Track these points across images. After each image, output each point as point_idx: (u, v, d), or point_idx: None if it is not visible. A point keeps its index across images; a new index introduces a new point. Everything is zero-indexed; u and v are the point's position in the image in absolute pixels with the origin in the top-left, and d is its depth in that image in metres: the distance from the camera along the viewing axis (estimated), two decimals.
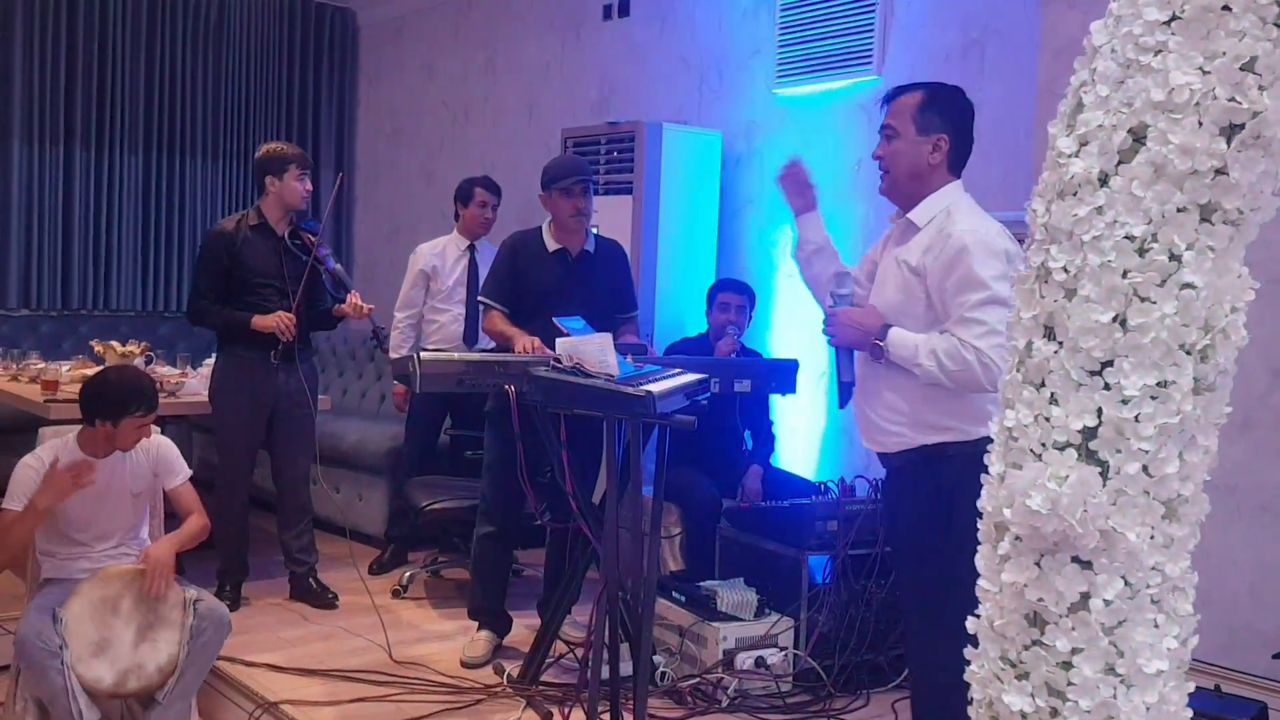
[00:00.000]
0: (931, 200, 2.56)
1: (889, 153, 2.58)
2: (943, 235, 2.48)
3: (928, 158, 2.54)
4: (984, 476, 1.79)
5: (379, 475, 5.30)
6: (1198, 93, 1.51)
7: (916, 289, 2.52)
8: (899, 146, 2.56)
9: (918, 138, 2.54)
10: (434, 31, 7.05)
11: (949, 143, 2.55)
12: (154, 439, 3.48)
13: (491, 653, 3.88)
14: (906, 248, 2.57)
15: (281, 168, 4.29)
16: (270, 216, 4.33)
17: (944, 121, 2.55)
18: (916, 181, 2.56)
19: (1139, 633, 1.62)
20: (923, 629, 2.58)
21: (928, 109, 2.54)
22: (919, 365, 2.46)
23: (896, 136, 2.57)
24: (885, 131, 2.60)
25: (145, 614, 3.21)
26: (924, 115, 2.54)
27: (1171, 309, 1.55)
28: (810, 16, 4.85)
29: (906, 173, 2.56)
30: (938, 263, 2.47)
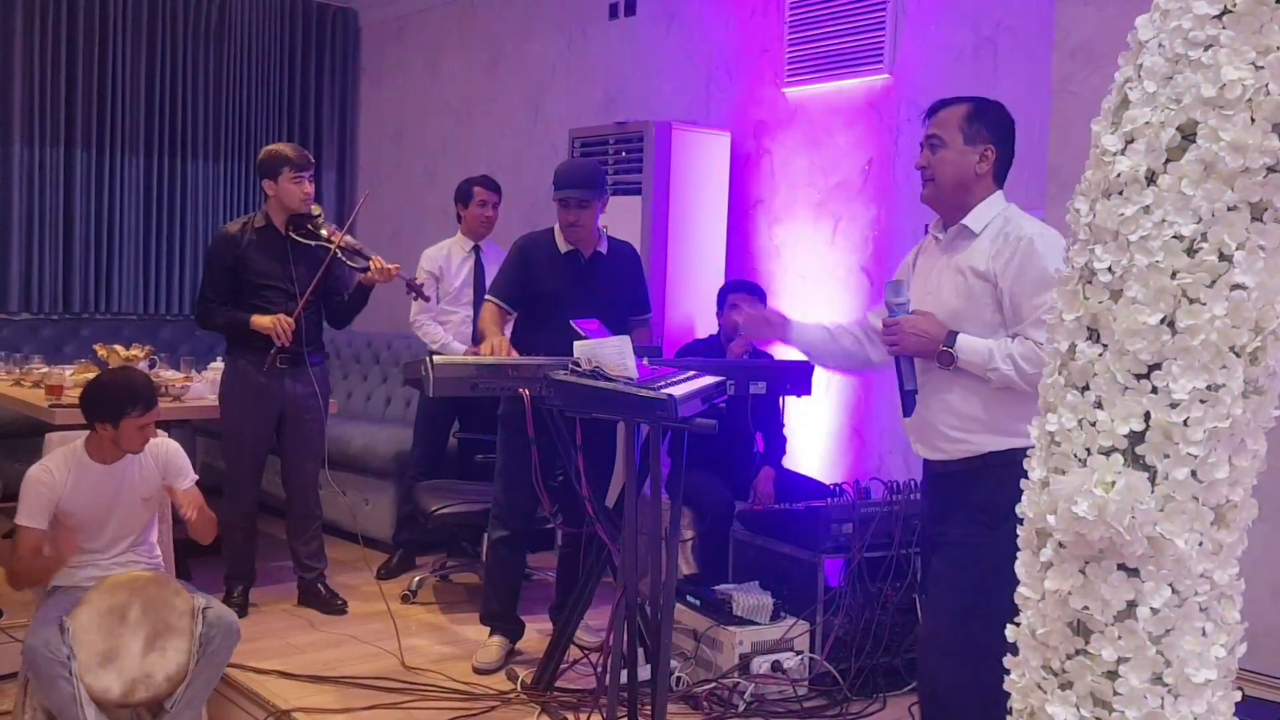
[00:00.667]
0: (984, 207, 2.59)
1: (935, 162, 2.60)
2: (1011, 239, 2.50)
3: (974, 167, 2.58)
4: (1024, 482, 1.75)
5: (386, 479, 5.26)
6: (1250, 88, 1.47)
7: (983, 294, 2.53)
8: (946, 155, 2.58)
9: (965, 147, 2.57)
10: (437, 31, 7.02)
11: (995, 153, 2.59)
12: (162, 441, 3.45)
13: (504, 658, 3.84)
14: (966, 254, 2.57)
15: (276, 170, 4.24)
16: (275, 219, 4.29)
17: (990, 132, 2.59)
18: (963, 190, 2.59)
19: (1187, 641, 1.58)
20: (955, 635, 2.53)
21: (975, 120, 2.58)
22: (994, 370, 2.47)
23: (943, 146, 2.59)
24: (931, 141, 2.62)
25: (153, 622, 3.17)
26: (971, 126, 2.58)
27: (1221, 310, 1.51)
28: (820, 14, 4.82)
29: (953, 181, 2.59)
30: (1010, 265, 2.49)
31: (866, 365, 2.93)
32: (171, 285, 7.06)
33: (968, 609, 2.51)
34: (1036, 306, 2.44)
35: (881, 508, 3.81)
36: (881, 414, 4.65)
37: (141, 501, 3.37)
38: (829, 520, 3.78)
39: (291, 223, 4.28)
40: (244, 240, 4.24)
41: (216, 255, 4.28)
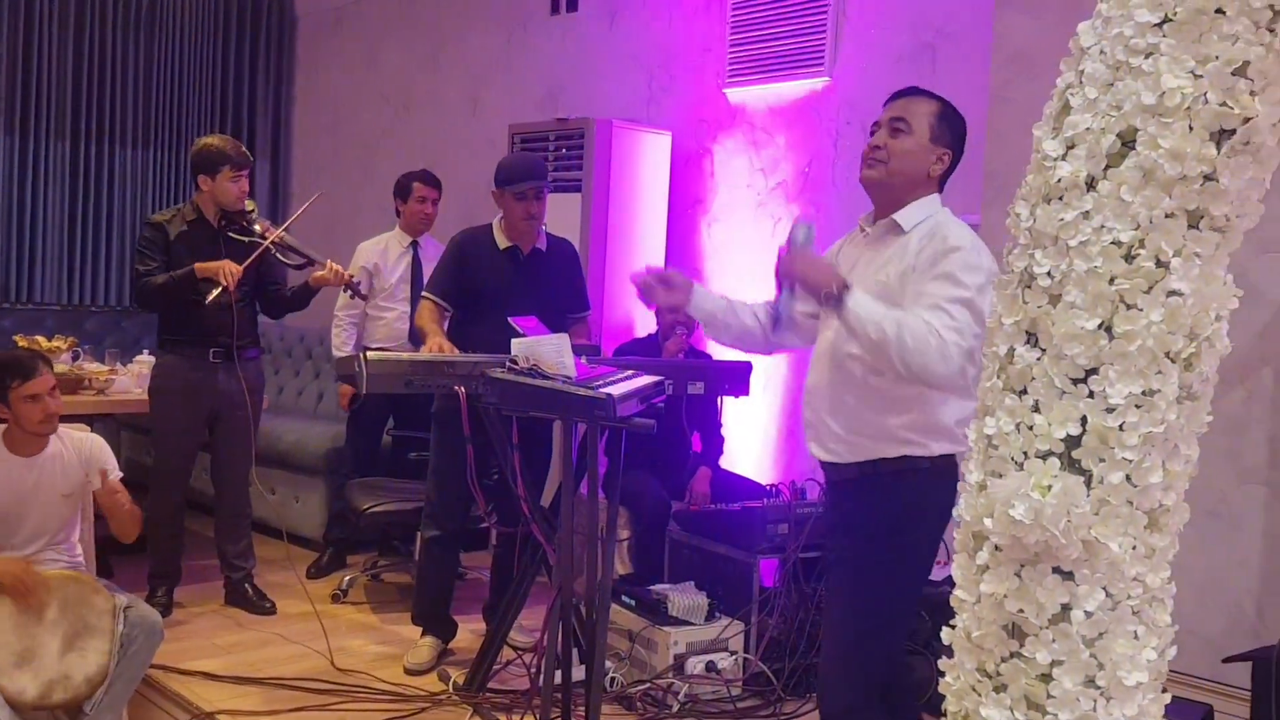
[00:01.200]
0: (919, 206, 2.46)
1: (897, 147, 2.44)
2: (937, 237, 2.38)
3: (930, 166, 2.46)
4: (961, 485, 1.75)
5: (317, 476, 5.17)
6: (1189, 97, 1.48)
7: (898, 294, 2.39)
8: (909, 144, 2.44)
9: (930, 144, 2.45)
10: (375, 22, 6.92)
11: (950, 160, 2.49)
12: (86, 436, 3.35)
13: (436, 659, 3.80)
14: (893, 253, 2.44)
15: (215, 167, 4.14)
16: (207, 212, 4.19)
17: (952, 138, 2.49)
18: (911, 185, 2.46)
19: (1119, 644, 1.59)
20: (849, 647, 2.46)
21: (944, 120, 2.47)
22: (879, 328, 2.27)
23: (908, 133, 2.45)
24: (894, 124, 2.46)
25: (72, 622, 3.08)
26: (940, 125, 2.46)
27: (1158, 316, 1.53)
28: (761, 16, 4.83)
29: (906, 173, 2.45)
30: (925, 256, 2.36)
31: (762, 347, 2.77)
32: (97, 275, 6.87)
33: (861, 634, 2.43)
34: (937, 295, 2.31)
35: (817, 508, 3.81)
36: None
37: (61, 497, 3.27)
38: (764, 521, 3.78)
39: (224, 217, 4.18)
40: (174, 232, 4.13)
41: (150, 238, 4.15)
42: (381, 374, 3.18)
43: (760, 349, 2.78)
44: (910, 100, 2.50)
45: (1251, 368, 3.16)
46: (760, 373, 4.53)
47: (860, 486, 2.46)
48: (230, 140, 4.28)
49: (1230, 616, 3.22)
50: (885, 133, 2.47)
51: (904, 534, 2.42)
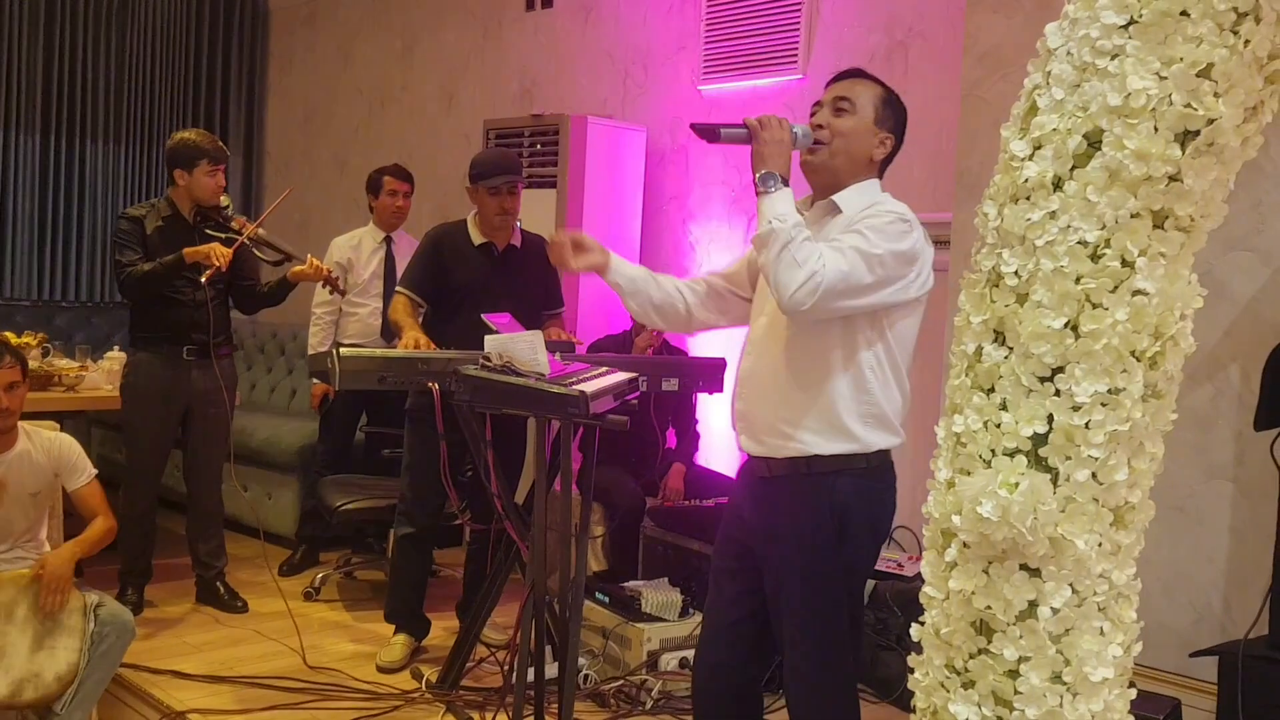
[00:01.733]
0: (860, 190, 2.36)
1: (838, 126, 2.35)
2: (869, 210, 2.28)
3: (873, 150, 2.37)
4: (930, 482, 1.77)
5: (289, 473, 5.15)
6: (1154, 98, 1.50)
7: None
8: (853, 124, 2.35)
9: (873, 126, 2.36)
10: (349, 17, 6.88)
11: (892, 145, 2.41)
12: (56, 436, 3.32)
13: (409, 657, 3.79)
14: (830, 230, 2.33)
15: (191, 161, 4.10)
16: (182, 208, 4.15)
17: (895, 124, 2.41)
18: (853, 167, 2.36)
19: (1086, 641, 1.61)
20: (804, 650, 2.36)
21: (888, 105, 2.40)
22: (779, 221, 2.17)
23: (852, 113, 2.35)
24: (838, 103, 2.36)
25: (42, 620, 3.05)
26: (884, 109, 2.38)
27: (1123, 315, 1.55)
28: (736, 14, 4.83)
29: (850, 154, 2.35)
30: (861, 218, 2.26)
31: (679, 323, 2.62)
32: (67, 270, 6.80)
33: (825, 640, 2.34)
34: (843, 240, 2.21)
35: None
36: None
37: (29, 497, 3.24)
38: None
39: (199, 213, 4.15)
40: (150, 227, 4.10)
41: (127, 230, 4.10)
42: (355, 370, 3.17)
43: (682, 325, 2.64)
44: (855, 81, 2.41)
45: (1219, 365, 3.20)
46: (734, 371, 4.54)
47: (794, 486, 2.33)
48: (206, 135, 4.25)
49: (1197, 611, 3.25)
50: (828, 111, 2.37)
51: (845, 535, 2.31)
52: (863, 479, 2.31)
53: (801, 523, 2.31)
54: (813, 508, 2.30)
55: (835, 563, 2.31)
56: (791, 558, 2.32)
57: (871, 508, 2.35)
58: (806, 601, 2.32)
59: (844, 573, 2.33)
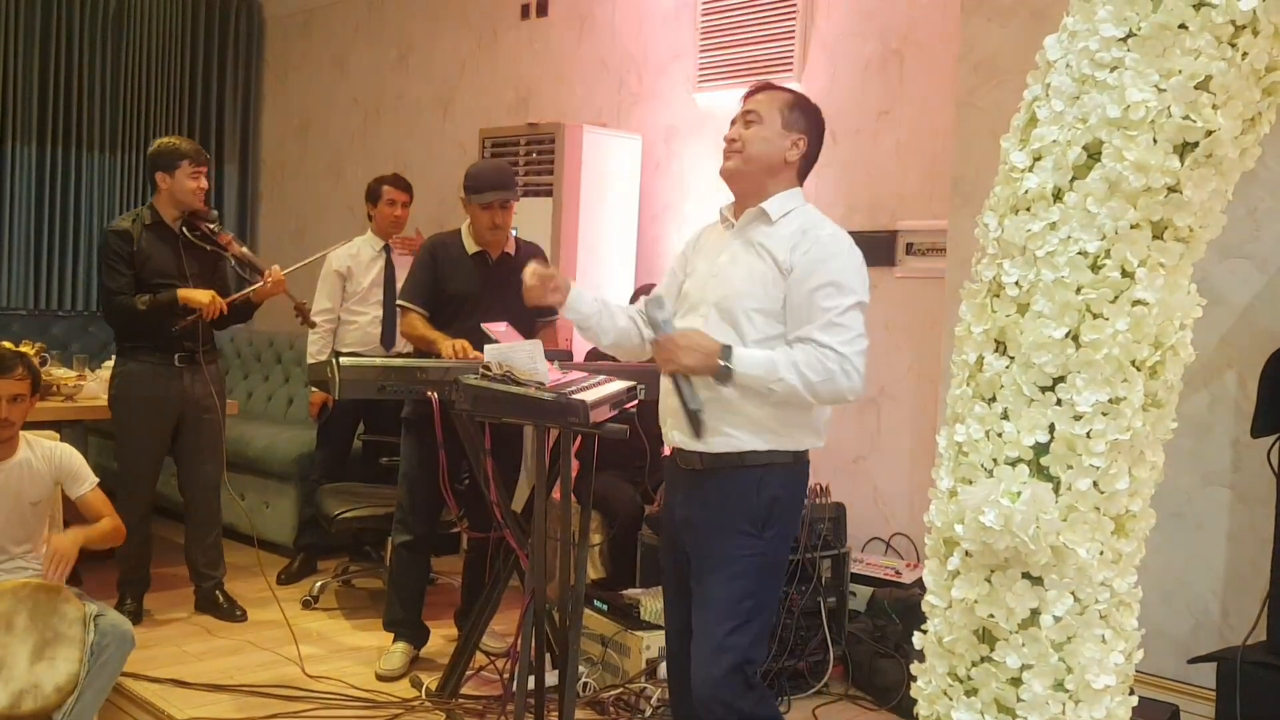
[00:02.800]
0: (784, 197, 2.50)
1: (747, 137, 2.50)
2: (810, 236, 2.41)
3: (785, 153, 2.50)
4: (932, 491, 1.78)
5: (287, 482, 5.15)
6: (1153, 110, 1.51)
7: (776, 285, 2.40)
8: (760, 133, 2.50)
9: (782, 130, 2.50)
10: (344, 25, 6.90)
11: (806, 146, 2.53)
12: (56, 445, 3.32)
13: (408, 665, 3.79)
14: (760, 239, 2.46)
15: (173, 164, 4.13)
16: (165, 214, 4.17)
17: (807, 125, 2.53)
18: (767, 172, 2.50)
19: (1088, 648, 1.62)
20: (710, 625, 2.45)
21: (795, 109, 2.53)
22: (779, 381, 2.32)
23: (759, 123, 2.51)
24: (746, 116, 2.53)
25: (42, 630, 3.05)
26: (791, 113, 2.52)
27: (1124, 325, 1.56)
28: (731, 22, 4.85)
29: (762, 158, 2.49)
30: (805, 260, 2.38)
31: (636, 353, 2.74)
32: (64, 280, 6.80)
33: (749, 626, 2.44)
34: (829, 310, 2.34)
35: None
36: None
37: (30, 506, 3.24)
38: None
39: (185, 221, 4.17)
40: (137, 237, 4.11)
41: (115, 250, 4.11)
42: (354, 380, 3.18)
43: (637, 352, 2.76)
44: (760, 95, 2.56)
45: (1215, 372, 3.21)
46: None
47: (721, 479, 2.45)
48: (188, 140, 4.32)
49: (1195, 618, 3.27)
50: (739, 125, 2.53)
51: (771, 526, 2.45)
52: (787, 474, 2.47)
53: (727, 514, 2.45)
54: (737, 501, 2.45)
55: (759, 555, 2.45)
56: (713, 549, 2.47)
57: (791, 502, 2.51)
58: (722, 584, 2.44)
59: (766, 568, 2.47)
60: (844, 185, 4.47)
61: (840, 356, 2.32)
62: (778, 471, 2.45)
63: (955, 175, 3.86)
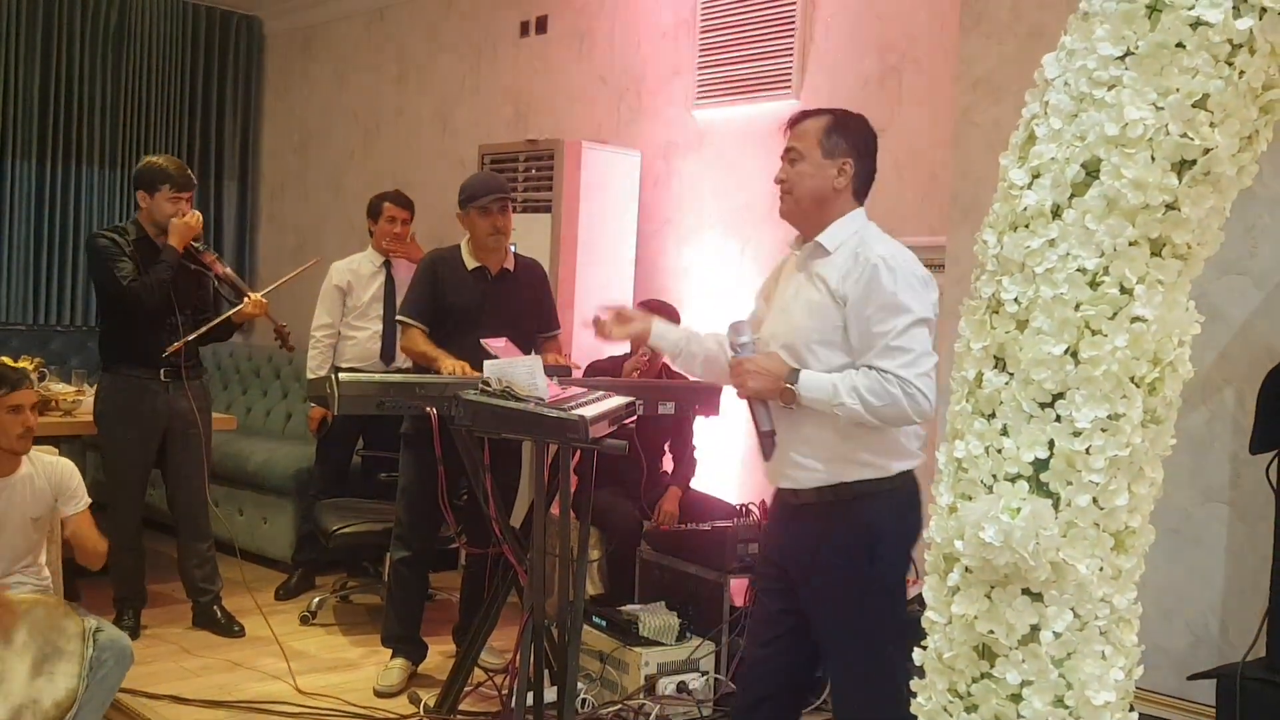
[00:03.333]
0: (840, 225, 2.50)
1: (793, 175, 2.51)
2: (860, 259, 2.42)
3: (833, 181, 2.49)
4: (932, 507, 1.78)
5: (285, 497, 5.15)
6: (1151, 128, 1.52)
7: (833, 315, 2.43)
8: (804, 169, 2.50)
9: (823, 161, 2.49)
10: (344, 42, 6.92)
11: (854, 167, 2.51)
12: (57, 461, 3.33)
13: (406, 681, 3.78)
14: (818, 271, 2.49)
15: (154, 186, 4.14)
16: (148, 231, 4.18)
17: (850, 146, 2.51)
18: (820, 206, 2.50)
19: (1087, 664, 1.62)
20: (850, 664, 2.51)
21: (834, 133, 2.50)
22: (840, 405, 2.36)
23: (801, 159, 2.50)
24: (789, 155, 2.53)
25: (41, 646, 3.04)
26: (830, 139, 2.50)
27: (1123, 342, 1.56)
28: (730, 39, 4.87)
29: (811, 195, 2.50)
30: (857, 287, 2.40)
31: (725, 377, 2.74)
32: (62, 295, 6.81)
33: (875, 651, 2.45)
34: (884, 334, 2.36)
35: None
36: None
37: (31, 521, 3.24)
38: (735, 540, 3.80)
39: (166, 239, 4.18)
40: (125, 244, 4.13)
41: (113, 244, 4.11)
42: (353, 395, 3.18)
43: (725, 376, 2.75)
44: (799, 126, 2.55)
45: (1213, 388, 3.22)
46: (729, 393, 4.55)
47: (821, 511, 2.47)
48: (176, 162, 4.30)
49: (1195, 634, 3.26)
50: (785, 165, 2.54)
51: (875, 557, 2.44)
52: (887, 500, 2.46)
53: (829, 546, 2.45)
54: (838, 532, 2.44)
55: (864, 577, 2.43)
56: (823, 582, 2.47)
57: (894, 529, 2.48)
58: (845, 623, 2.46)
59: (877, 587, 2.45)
60: None
61: (901, 380, 2.33)
62: (874, 500, 2.44)
63: (954, 191, 3.87)
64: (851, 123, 2.55)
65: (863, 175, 2.55)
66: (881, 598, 2.46)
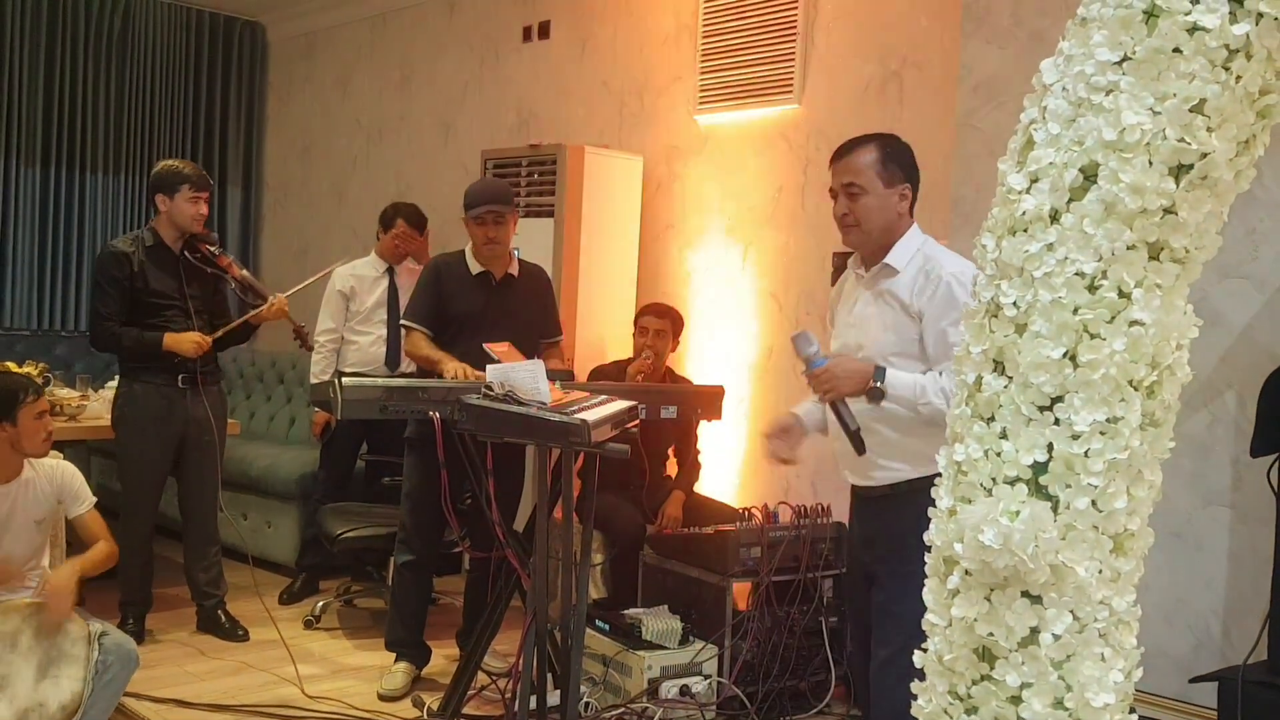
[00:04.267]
0: (904, 244, 2.61)
1: (859, 210, 2.59)
2: (933, 277, 2.53)
3: (897, 208, 2.60)
4: (932, 510, 1.79)
5: (289, 502, 5.16)
6: (1148, 133, 1.53)
7: (909, 329, 2.55)
8: (869, 202, 2.59)
9: (885, 191, 2.58)
10: (347, 48, 6.94)
11: (911, 191, 2.62)
12: (58, 464, 3.34)
13: (410, 685, 3.79)
14: (890, 285, 2.60)
15: (173, 187, 4.16)
16: (165, 236, 4.19)
17: (903, 170, 2.61)
18: (889, 233, 2.61)
19: (1087, 667, 1.63)
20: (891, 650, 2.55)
21: (888, 161, 2.60)
22: (926, 404, 2.47)
23: (865, 193, 2.59)
24: (848, 190, 2.60)
25: (47, 649, 3.06)
26: (887, 169, 2.59)
27: (1121, 345, 1.57)
28: (731, 44, 4.88)
29: (881, 227, 2.60)
30: (933, 302, 2.51)
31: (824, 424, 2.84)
32: (66, 300, 6.83)
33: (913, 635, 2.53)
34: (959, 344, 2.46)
35: (789, 532, 3.85)
36: None
37: (34, 524, 3.25)
38: (738, 544, 3.81)
39: (186, 244, 4.19)
40: (136, 259, 4.13)
41: (108, 273, 4.12)
42: (357, 400, 3.20)
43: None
44: (850, 159, 2.62)
45: (1215, 392, 3.22)
46: (734, 396, 4.57)
47: (890, 501, 2.60)
48: (190, 163, 4.33)
49: (1196, 637, 3.27)
50: (845, 200, 2.61)
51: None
52: None
53: (892, 532, 2.57)
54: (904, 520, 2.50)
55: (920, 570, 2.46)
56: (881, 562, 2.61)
57: None
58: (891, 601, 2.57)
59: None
60: None
61: None
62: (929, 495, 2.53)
63: (955, 196, 3.88)
64: (897, 147, 2.66)
65: (916, 194, 2.67)
66: None
